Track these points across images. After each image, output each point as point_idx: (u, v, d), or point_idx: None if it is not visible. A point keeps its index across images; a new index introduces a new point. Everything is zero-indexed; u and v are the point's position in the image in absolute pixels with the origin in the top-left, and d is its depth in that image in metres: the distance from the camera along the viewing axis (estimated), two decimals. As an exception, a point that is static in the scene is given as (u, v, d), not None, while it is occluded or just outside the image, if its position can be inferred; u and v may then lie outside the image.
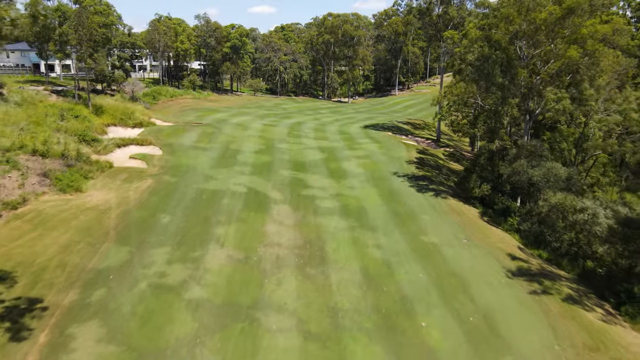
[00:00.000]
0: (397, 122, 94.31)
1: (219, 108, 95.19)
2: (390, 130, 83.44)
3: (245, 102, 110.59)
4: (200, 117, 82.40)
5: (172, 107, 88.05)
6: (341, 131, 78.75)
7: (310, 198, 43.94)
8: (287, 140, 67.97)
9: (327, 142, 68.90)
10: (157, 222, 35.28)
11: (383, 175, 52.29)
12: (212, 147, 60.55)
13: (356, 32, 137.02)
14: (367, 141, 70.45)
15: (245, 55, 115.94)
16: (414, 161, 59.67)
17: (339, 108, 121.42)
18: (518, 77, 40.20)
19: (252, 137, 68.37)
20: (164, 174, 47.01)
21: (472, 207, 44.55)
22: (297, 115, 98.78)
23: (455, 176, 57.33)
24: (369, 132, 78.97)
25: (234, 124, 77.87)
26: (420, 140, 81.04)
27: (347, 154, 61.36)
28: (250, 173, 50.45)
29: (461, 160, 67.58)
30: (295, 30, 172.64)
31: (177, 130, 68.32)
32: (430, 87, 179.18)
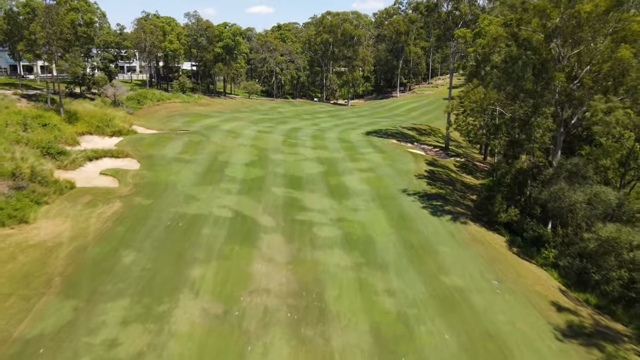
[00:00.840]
0: (401, 128, 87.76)
1: (209, 113, 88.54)
2: (395, 137, 76.90)
3: (238, 106, 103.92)
4: (188, 124, 75.72)
5: (158, 112, 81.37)
6: (341, 139, 72.16)
7: (307, 224, 37.34)
8: (282, 150, 61.35)
9: (327, 152, 62.31)
10: (117, 261, 28.63)
11: (391, 194, 45.70)
12: (197, 159, 53.93)
13: (356, 32, 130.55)
14: (370, 151, 63.86)
15: (239, 56, 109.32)
16: (424, 175, 53.08)
17: (339, 111, 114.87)
18: (554, 81, 33.69)
19: (244, 146, 61.75)
20: (137, 194, 40.36)
21: (496, 235, 37.99)
22: (293, 120, 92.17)
23: (470, 192, 50.78)
24: (371, 140, 72.39)
25: (225, 131, 71.23)
26: (428, 148, 74.53)
27: (348, 167, 54.77)
28: (239, 192, 43.82)
29: (474, 172, 61.06)
30: (292, 29, 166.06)
31: (160, 139, 61.65)
32: (432, 88, 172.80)
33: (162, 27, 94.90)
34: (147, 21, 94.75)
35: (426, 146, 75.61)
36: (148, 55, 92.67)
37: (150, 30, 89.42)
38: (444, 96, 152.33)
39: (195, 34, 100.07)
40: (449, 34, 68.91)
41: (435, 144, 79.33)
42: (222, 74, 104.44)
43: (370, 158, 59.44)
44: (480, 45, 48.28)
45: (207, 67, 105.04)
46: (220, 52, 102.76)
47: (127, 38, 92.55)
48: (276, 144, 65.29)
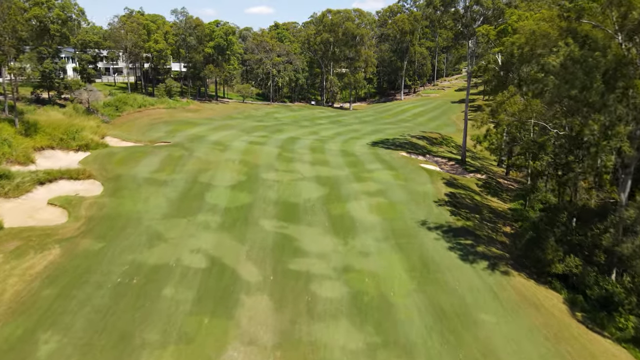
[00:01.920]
0: (410, 137, 79.09)
1: (197, 120, 79.85)
2: (404, 149, 68.21)
3: (230, 112, 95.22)
4: (170, 134, 67.07)
5: (138, 121, 72.68)
6: (344, 151, 63.45)
7: (304, 277, 28.68)
8: (276, 167, 52.67)
9: (328, 168, 53.61)
10: (28, 355, 19.97)
11: (408, 228, 37.01)
12: (174, 180, 45.29)
13: (358, 31, 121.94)
14: (378, 167, 55.16)
15: (232, 57, 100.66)
16: (445, 200, 44.39)
17: (340, 117, 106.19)
18: (637, 91, 25.12)
19: (231, 162, 53.10)
20: (86, 234, 31.70)
21: (550, 291, 29.31)
22: (291, 127, 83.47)
23: (501, 222, 42.09)
24: (378, 152, 63.71)
25: (212, 142, 62.56)
26: (442, 161, 65.89)
27: (354, 189, 46.07)
28: (219, 227, 35.17)
29: (500, 193, 52.36)
30: (290, 29, 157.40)
31: (134, 154, 52.99)
32: (439, 90, 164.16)
33: (146, 25, 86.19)
34: (131, 18, 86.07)
35: (439, 159, 66.95)
36: (130, 56, 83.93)
37: (132, 29, 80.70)
38: (451, 99, 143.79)
39: (183, 33, 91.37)
40: (466, 32, 60.24)
41: (449, 155, 70.65)
42: (213, 76, 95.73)
43: (379, 177, 50.73)
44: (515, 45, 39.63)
45: (196, 69, 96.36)
46: (211, 52, 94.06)
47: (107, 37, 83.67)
48: (269, 158, 56.61)
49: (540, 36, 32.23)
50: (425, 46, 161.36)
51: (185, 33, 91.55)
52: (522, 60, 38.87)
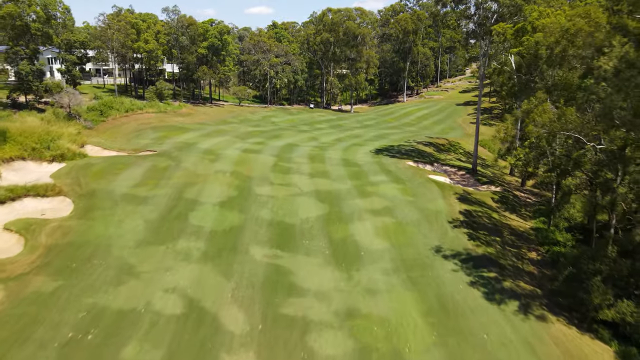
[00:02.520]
0: (416, 143, 74.09)
1: (189, 125, 74.86)
2: (410, 157, 63.22)
3: (225, 115, 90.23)
4: (158, 141, 62.07)
5: (124, 126, 67.69)
6: (346, 160, 58.48)
7: (299, 326, 23.72)
8: (271, 180, 47.71)
9: (328, 181, 48.63)
10: None
11: (421, 257, 32.04)
12: (156, 196, 40.37)
13: (360, 30, 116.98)
14: (383, 179, 50.16)
15: (227, 58, 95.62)
16: (460, 220, 39.41)
17: (341, 120, 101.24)
18: None
19: (222, 174, 48.15)
20: (41, 269, 26.75)
21: (596, 342, 24.31)
22: (289, 132, 78.51)
23: (525, 245, 37.11)
24: (383, 162, 58.73)
25: (202, 151, 57.61)
26: (451, 171, 60.90)
27: (358, 206, 41.09)
28: (202, 257, 30.24)
29: (518, 208, 47.35)
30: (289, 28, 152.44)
31: (115, 165, 48.03)
32: (442, 92, 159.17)
33: (135, 24, 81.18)
34: (119, 17, 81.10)
35: (449, 168, 61.95)
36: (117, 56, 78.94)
37: (119, 28, 75.71)
38: (456, 101, 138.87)
39: (175, 33, 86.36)
40: (479, 31, 55.24)
41: (458, 164, 65.65)
42: (207, 78, 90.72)
43: (384, 191, 45.73)
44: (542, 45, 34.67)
45: (189, 71, 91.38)
46: (204, 53, 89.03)
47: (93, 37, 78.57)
48: (264, 169, 51.64)
49: (577, 34, 27.29)
50: (429, 46, 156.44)
51: (178, 32, 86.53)
52: (551, 63, 33.93)
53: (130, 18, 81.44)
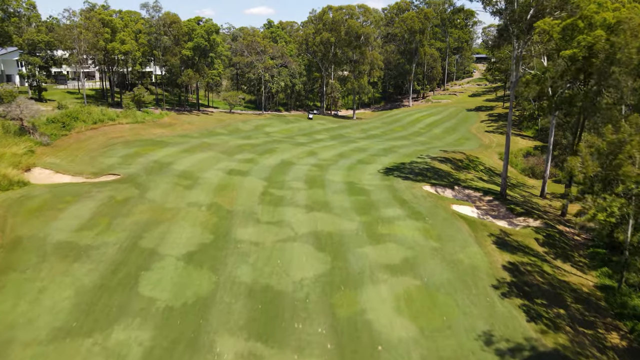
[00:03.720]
0: (430, 159, 64.28)
1: (168, 139, 65.02)
2: (426, 178, 53.42)
3: (213, 125, 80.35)
4: (127, 160, 52.25)
5: (90, 142, 57.85)
6: (351, 184, 48.66)
7: None
8: (258, 216, 37.93)
9: (330, 216, 38.81)
10: None
11: (465, 356, 22.15)
12: (103, 245, 30.64)
13: (363, 30, 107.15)
14: (398, 212, 40.32)
15: (216, 60, 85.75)
16: (507, 281, 29.58)
17: (343, 129, 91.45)
18: None
19: (197, 208, 38.40)
20: None
21: None
22: (284, 146, 68.69)
23: (600, 322, 27.24)
24: (395, 186, 48.91)
25: (178, 173, 47.83)
26: (475, 196, 51.08)
27: (368, 258, 31.31)
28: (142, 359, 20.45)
29: (570, 254, 37.47)
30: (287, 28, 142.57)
31: (61, 197, 38.20)
32: (450, 96, 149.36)
33: (109, 21, 71.35)
34: (91, 13, 71.26)
35: (472, 192, 52.11)
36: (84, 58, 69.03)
37: (86, 26, 65.86)
38: (466, 106, 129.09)
39: (156, 32, 76.51)
40: (513, 29, 45.34)
41: (482, 185, 55.89)
42: (193, 82, 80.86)
43: (402, 232, 35.88)
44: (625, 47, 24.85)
45: (173, 75, 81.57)
46: (189, 55, 79.15)
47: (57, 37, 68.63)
48: (251, 199, 41.86)
49: None
50: (435, 47, 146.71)
51: (159, 32, 76.69)
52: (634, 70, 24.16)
53: (104, 15, 71.57)
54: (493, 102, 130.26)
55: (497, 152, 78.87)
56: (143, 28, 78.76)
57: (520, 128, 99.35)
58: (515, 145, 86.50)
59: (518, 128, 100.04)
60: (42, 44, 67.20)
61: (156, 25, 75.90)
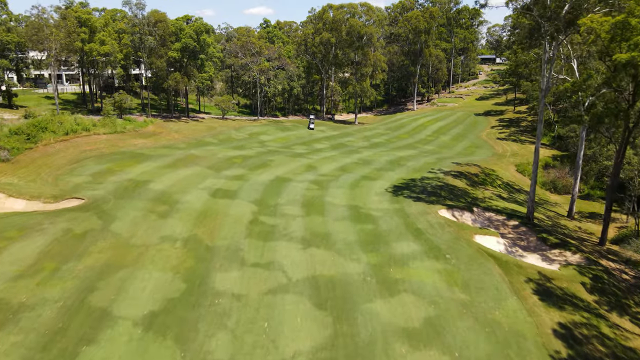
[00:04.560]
0: (443, 174, 57.54)
1: (149, 151, 58.28)
2: (440, 199, 46.70)
3: (202, 134, 73.56)
4: (98, 179, 45.52)
5: (58, 156, 51.12)
6: (355, 208, 41.91)
7: None
8: (243, 254, 31.24)
9: (330, 254, 32.09)
10: None
11: None
12: (40, 303, 24.08)
13: (366, 29, 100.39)
14: (413, 248, 33.59)
15: (206, 62, 79.00)
16: (561, 356, 22.77)
17: (345, 137, 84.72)
18: None
19: (170, 244, 31.71)
20: None
21: None
22: (279, 158, 61.95)
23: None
24: (406, 210, 42.16)
25: (154, 195, 41.12)
26: (498, 220, 44.34)
27: (380, 320, 24.61)
28: None
29: (624, 302, 30.68)
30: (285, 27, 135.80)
31: (3, 232, 31.46)
32: (456, 99, 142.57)
33: (86, 20, 64.59)
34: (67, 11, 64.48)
35: (494, 215, 45.37)
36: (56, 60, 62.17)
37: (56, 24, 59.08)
38: (474, 110, 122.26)
39: (140, 31, 69.75)
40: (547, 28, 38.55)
41: (502, 205, 49.22)
42: (180, 87, 74.04)
43: (419, 279, 29.13)
44: None
45: (159, 78, 74.85)
46: (176, 56, 72.41)
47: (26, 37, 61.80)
48: (237, 230, 35.15)
49: None
50: (441, 47, 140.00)
51: (143, 31, 69.93)
52: None
53: (81, 13, 64.82)
54: (503, 106, 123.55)
55: (513, 163, 72.15)
56: (126, 27, 71.98)
57: (534, 135, 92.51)
58: (531, 155, 79.76)
59: (532, 135, 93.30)
60: (12, 44, 60.37)
61: (140, 25, 69.10)
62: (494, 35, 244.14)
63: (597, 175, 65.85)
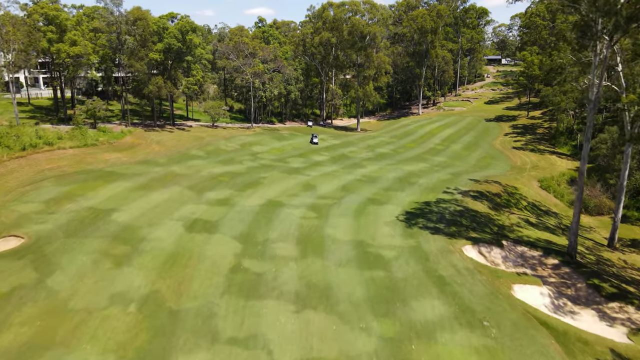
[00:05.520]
0: (461, 196, 49.86)
1: (123, 168, 50.58)
2: (462, 228, 39.09)
3: (188, 145, 65.80)
4: (51, 207, 37.83)
5: (11, 177, 43.40)
6: (362, 247, 34.27)
7: None
8: (217, 321, 23.78)
9: (332, 320, 24.53)
10: None
11: None
12: None
13: (369, 29, 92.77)
14: (439, 311, 25.99)
15: (193, 65, 71.36)
16: None
17: (347, 147, 77.03)
18: None
19: (120, 308, 24.28)
20: None
21: None
22: (273, 175, 54.29)
23: None
24: (425, 249, 34.50)
25: (114, 231, 33.51)
26: (533, 258, 36.74)
27: None
28: None
29: None
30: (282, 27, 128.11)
31: None
32: (464, 102, 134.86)
33: (54, 18, 56.93)
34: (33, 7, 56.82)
35: (527, 250, 37.75)
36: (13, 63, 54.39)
37: (13, 22, 51.38)
38: (483, 114, 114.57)
39: (116, 30, 62.03)
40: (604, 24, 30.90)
41: (534, 235, 41.65)
42: (163, 93, 66.26)
43: (452, 363, 21.48)
44: None
45: (140, 83, 67.17)
46: (158, 58, 64.75)
47: None
48: (213, 281, 27.57)
49: None
50: (447, 48, 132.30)
51: (120, 30, 62.22)
52: None
53: (48, 10, 57.17)
54: (515, 111, 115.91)
55: (535, 178, 64.47)
56: (104, 26, 64.33)
57: (554, 144, 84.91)
58: (553, 168, 72.23)
59: (550, 144, 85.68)
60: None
61: (116, 23, 61.40)
62: (499, 35, 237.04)
63: (632, 193, 58.20)
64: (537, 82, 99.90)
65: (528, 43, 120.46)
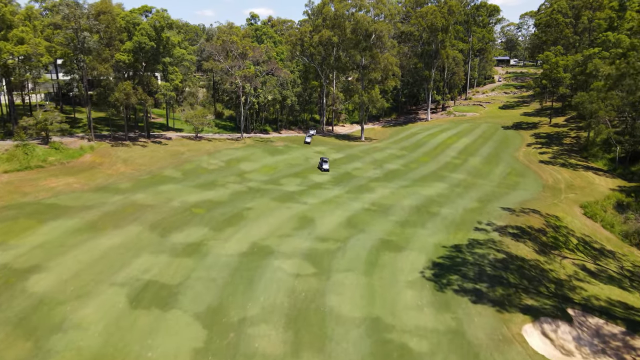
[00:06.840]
0: (497, 233, 39.46)
1: (69, 199, 40.04)
2: (511, 290, 28.97)
3: (162, 163, 55.24)
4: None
5: None
6: (379, 332, 24.02)
7: None
8: None
9: None
10: None
11: None
12: None
13: (375, 26, 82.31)
14: None
15: (170, 67, 60.81)
16: None
17: (350, 162, 66.49)
18: None
19: None
20: None
21: None
22: (260, 204, 43.77)
23: None
24: (468, 336, 24.21)
25: (24, 308, 23.36)
26: (615, 338, 27.04)
27: None
28: None
29: None
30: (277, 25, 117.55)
31: None
32: (475, 107, 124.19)
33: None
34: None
35: (602, 324, 28.18)
36: None
37: None
38: (499, 121, 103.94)
39: (75, 26, 51.56)
40: None
41: (602, 293, 31.45)
42: (132, 101, 55.62)
43: None
44: None
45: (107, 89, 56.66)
46: (126, 60, 54.26)
47: None
48: None
49: None
50: (458, 48, 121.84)
51: (78, 26, 51.72)
52: None
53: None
54: (534, 117, 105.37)
55: (575, 202, 54.02)
56: (63, 22, 53.84)
57: (587, 157, 74.38)
58: (592, 188, 61.81)
59: (582, 157, 75.20)
60: None
61: (74, 17, 50.96)
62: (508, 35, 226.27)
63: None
64: (562, 86, 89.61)
65: (548, 42, 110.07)
